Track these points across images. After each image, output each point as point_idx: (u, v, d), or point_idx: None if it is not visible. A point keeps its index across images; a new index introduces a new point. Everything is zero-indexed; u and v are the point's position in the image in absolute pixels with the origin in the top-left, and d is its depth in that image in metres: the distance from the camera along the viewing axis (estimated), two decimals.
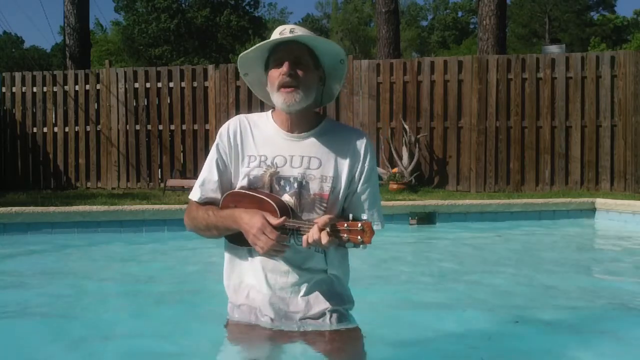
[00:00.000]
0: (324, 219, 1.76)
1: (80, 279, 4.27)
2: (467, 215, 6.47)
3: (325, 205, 1.92)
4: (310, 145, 1.96)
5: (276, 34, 1.96)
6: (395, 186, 8.12)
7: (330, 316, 1.98)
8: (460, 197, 7.22)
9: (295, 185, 1.91)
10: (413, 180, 8.42)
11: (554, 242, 5.82)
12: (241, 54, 2.00)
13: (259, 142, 1.98)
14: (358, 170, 1.96)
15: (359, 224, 1.71)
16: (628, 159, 8.29)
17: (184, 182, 8.26)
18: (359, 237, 1.70)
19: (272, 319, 1.96)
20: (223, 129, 2.02)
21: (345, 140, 1.98)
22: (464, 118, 8.71)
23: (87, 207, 5.91)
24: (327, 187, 1.92)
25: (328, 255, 1.98)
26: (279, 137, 1.98)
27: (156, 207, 5.98)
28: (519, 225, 6.31)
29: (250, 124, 2.02)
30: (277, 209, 1.84)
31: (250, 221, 1.84)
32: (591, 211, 6.62)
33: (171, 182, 8.30)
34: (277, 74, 1.92)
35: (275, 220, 1.81)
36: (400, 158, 8.61)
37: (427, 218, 6.33)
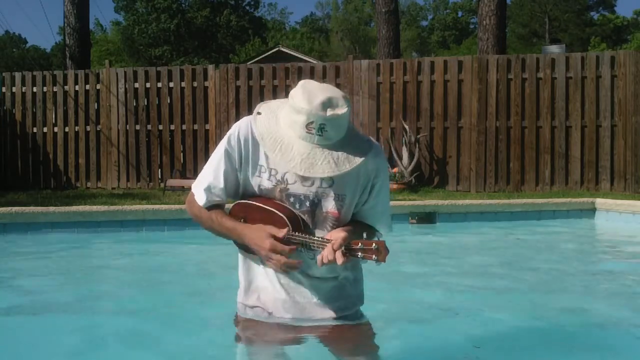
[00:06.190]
0: (338, 239, 1.72)
1: (80, 279, 4.27)
2: (467, 215, 6.47)
3: (336, 222, 1.88)
4: None
5: (301, 127, 1.74)
6: (395, 186, 8.12)
7: (346, 319, 1.98)
8: (460, 197, 7.22)
9: (307, 203, 1.87)
10: (413, 180, 8.42)
11: (554, 242, 5.81)
12: (259, 131, 1.82)
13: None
14: (370, 185, 1.91)
15: (374, 244, 1.69)
16: (628, 159, 8.29)
17: (184, 182, 8.26)
18: (374, 256, 1.69)
19: (285, 318, 1.96)
20: (232, 133, 1.91)
21: (359, 156, 1.86)
22: (464, 118, 8.71)
23: (87, 207, 5.91)
24: (339, 204, 1.87)
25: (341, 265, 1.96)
26: None
27: (156, 207, 5.98)
28: (519, 225, 6.30)
29: None
30: (288, 222, 1.80)
31: (257, 240, 1.80)
32: (591, 211, 6.62)
33: (171, 182, 8.31)
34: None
35: (280, 233, 1.77)
36: (400, 158, 8.61)
37: (427, 218, 6.33)
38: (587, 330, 2.94)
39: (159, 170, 9.33)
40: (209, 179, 1.93)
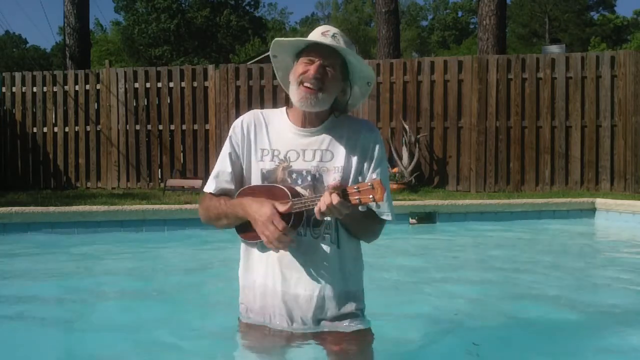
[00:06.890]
0: (333, 182, 1.79)
1: (80, 279, 4.27)
2: (467, 215, 6.48)
3: None
4: (321, 139, 1.98)
5: (317, 33, 1.95)
6: (395, 186, 8.11)
7: (345, 319, 1.98)
8: (460, 197, 7.22)
9: (309, 178, 1.94)
10: (413, 180, 8.42)
11: (554, 242, 5.82)
12: (277, 39, 2.00)
13: (272, 136, 2.01)
14: (367, 159, 1.98)
15: (369, 183, 1.71)
16: (628, 159, 8.29)
17: (184, 182, 8.26)
18: (371, 195, 1.70)
19: (285, 320, 1.96)
20: (237, 122, 2.05)
21: (355, 132, 2.00)
22: (464, 118, 8.71)
23: (87, 207, 5.91)
24: (339, 177, 1.93)
25: (343, 251, 1.97)
26: (290, 132, 2.00)
27: (156, 207, 5.97)
28: (519, 225, 6.31)
29: (265, 119, 2.05)
30: (289, 193, 1.85)
31: (259, 210, 1.84)
32: (591, 211, 6.62)
33: (171, 182, 8.30)
34: (303, 69, 1.93)
35: (283, 207, 1.81)
36: (400, 158, 8.61)
37: (427, 218, 6.34)
38: (586, 328, 2.94)
39: (159, 170, 9.33)
40: (217, 168, 2.04)
